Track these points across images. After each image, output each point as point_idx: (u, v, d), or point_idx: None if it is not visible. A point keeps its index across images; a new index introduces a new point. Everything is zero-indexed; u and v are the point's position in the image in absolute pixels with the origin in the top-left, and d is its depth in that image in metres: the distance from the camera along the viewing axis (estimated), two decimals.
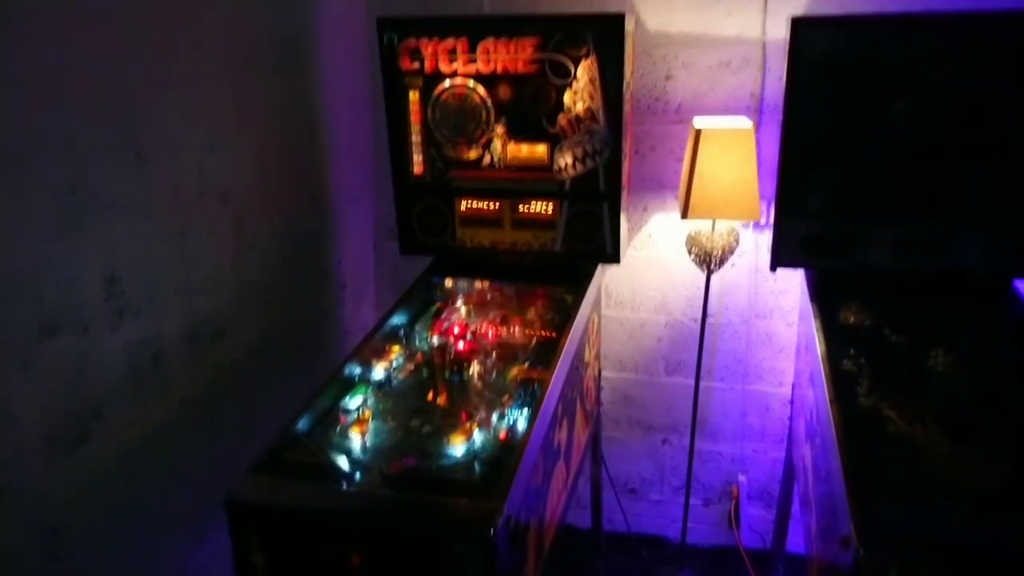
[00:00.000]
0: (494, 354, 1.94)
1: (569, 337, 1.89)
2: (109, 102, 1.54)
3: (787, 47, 1.90)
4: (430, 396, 1.80)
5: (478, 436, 1.60)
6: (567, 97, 2.08)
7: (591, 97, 2.06)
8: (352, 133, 2.59)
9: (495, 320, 2.13)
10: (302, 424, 1.63)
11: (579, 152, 2.12)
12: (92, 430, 1.53)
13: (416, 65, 2.14)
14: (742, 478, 2.67)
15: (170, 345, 1.78)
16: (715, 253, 2.22)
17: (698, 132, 2.00)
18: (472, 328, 2.07)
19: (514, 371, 1.86)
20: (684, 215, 2.03)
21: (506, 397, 1.75)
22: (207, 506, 1.78)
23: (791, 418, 2.39)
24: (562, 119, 2.10)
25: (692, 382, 2.63)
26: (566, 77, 2.06)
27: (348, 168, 2.58)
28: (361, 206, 2.72)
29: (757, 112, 2.38)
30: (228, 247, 1.97)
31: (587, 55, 2.03)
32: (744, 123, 2.09)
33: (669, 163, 2.49)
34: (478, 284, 2.29)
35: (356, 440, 1.61)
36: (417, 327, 2.12)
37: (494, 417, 1.66)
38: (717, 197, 2.00)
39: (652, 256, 2.59)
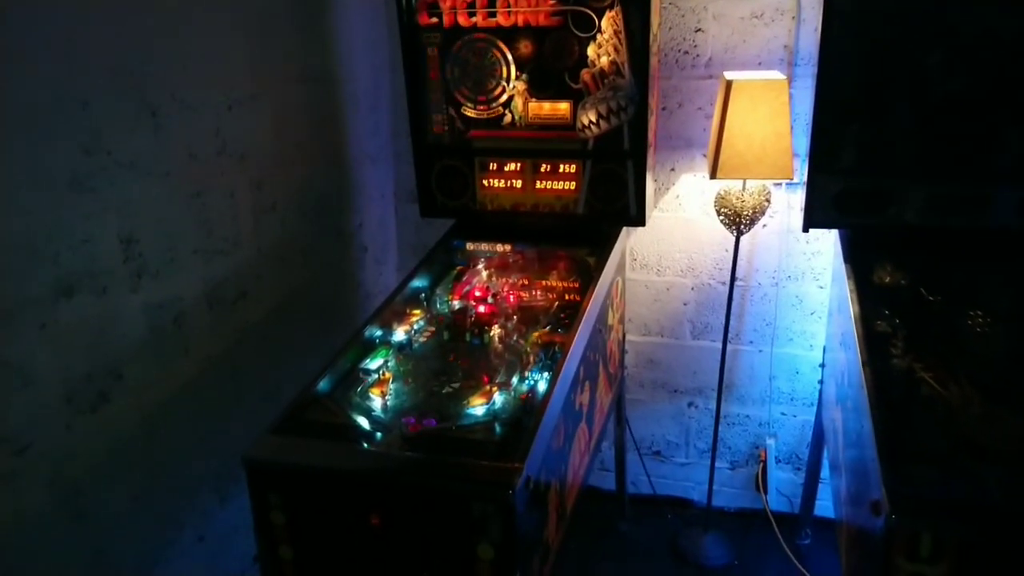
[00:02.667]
0: (515, 318, 1.91)
1: (591, 300, 1.85)
2: (123, 61, 1.52)
3: None
4: (451, 359, 1.78)
5: (499, 398, 1.58)
6: (591, 51, 2.01)
7: (616, 50, 1.99)
8: (371, 93, 2.55)
9: (516, 284, 2.10)
10: (322, 385, 1.62)
11: (603, 109, 2.05)
12: (112, 391, 1.54)
13: (434, 20, 2.09)
14: (770, 441, 2.63)
15: (191, 307, 1.77)
16: (745, 214, 2.15)
17: (728, 84, 1.92)
18: (493, 292, 2.04)
19: (535, 335, 1.83)
20: (713, 175, 1.97)
21: (527, 360, 1.72)
22: (230, 467, 1.79)
23: (822, 381, 2.33)
24: (585, 74, 2.04)
25: (719, 345, 2.58)
26: (590, 30, 1.99)
27: (367, 129, 2.55)
28: (381, 169, 2.69)
29: (791, 66, 2.29)
30: (247, 209, 1.96)
31: (612, 6, 1.96)
32: (777, 76, 2.00)
33: (698, 120, 2.41)
34: (499, 247, 2.25)
35: (376, 401, 1.60)
36: (438, 291, 2.10)
37: (515, 380, 1.64)
38: (748, 155, 1.93)
39: (679, 218, 2.53)
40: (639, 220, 2.14)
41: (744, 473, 2.75)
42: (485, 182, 2.23)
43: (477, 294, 2.05)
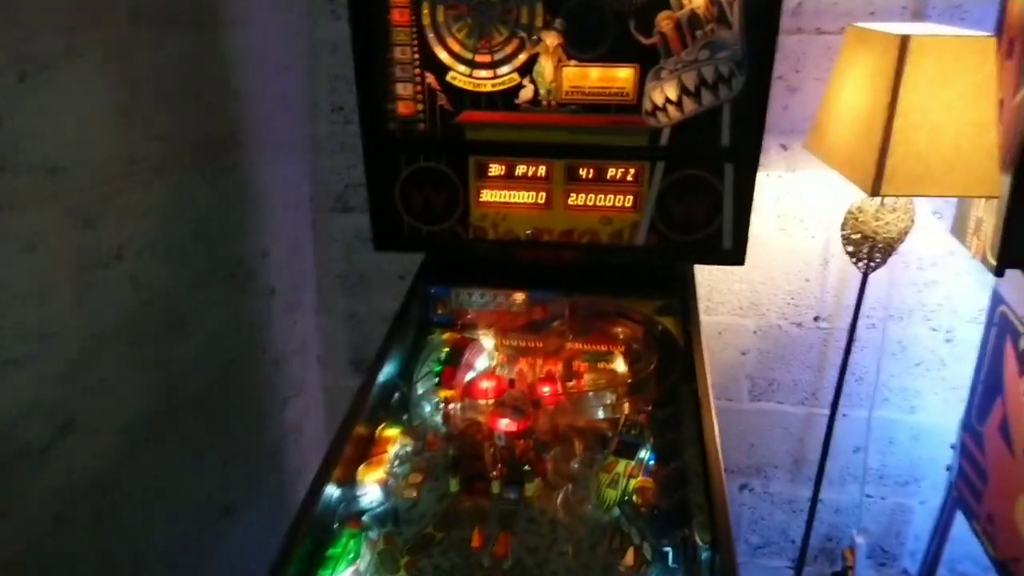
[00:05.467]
0: (574, 440, 1.17)
1: (710, 414, 1.13)
2: None
3: None
4: (475, 542, 1.02)
5: None
6: None
7: None
8: (276, 46, 1.68)
9: (551, 364, 1.34)
10: None
11: (690, 79, 1.31)
12: None
13: None
14: (859, 540, 2.03)
15: None
16: (883, 239, 1.48)
17: (903, 43, 1.22)
18: (512, 381, 1.29)
19: (614, 468, 1.10)
20: (876, 190, 1.28)
21: (627, 539, 1.00)
22: None
23: (959, 469, 1.74)
24: (664, 21, 1.29)
25: (788, 408, 2.03)
26: None
27: (272, 104, 1.68)
28: (292, 163, 1.84)
29: (917, 17, 1.64)
30: (66, 268, 1.09)
31: None
32: (972, 32, 1.32)
33: (776, 94, 1.71)
34: (509, 298, 1.48)
35: None
36: (419, 384, 1.31)
37: None
38: (934, 158, 1.25)
39: None
40: (735, 256, 1.43)
41: (811, 574, 2.15)
42: (485, 195, 1.45)
43: (488, 387, 1.29)
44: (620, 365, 1.31)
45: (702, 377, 1.17)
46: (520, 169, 1.42)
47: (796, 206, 1.82)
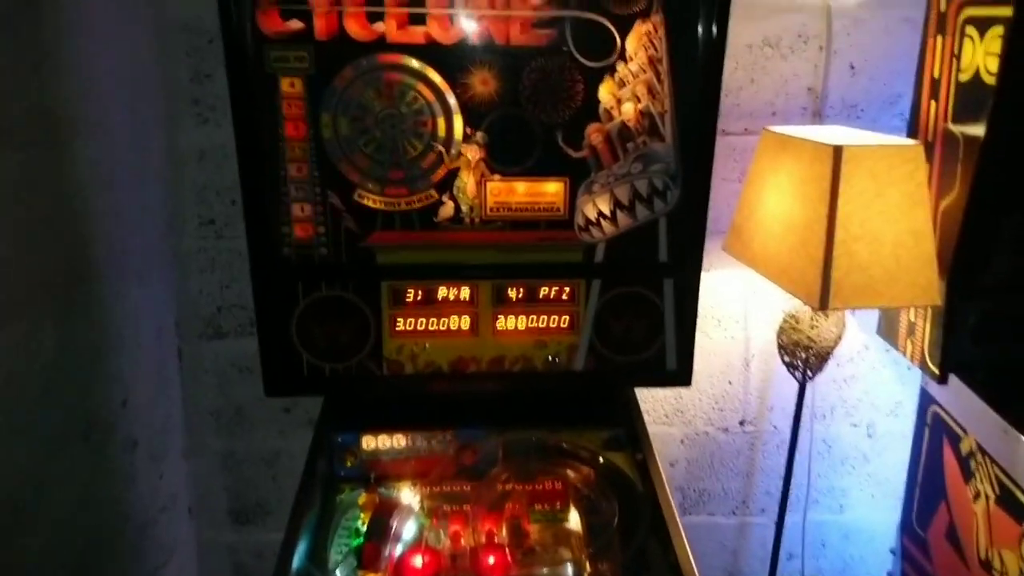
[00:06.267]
0: None
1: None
2: None
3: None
4: None
5: None
6: (605, 92, 1.20)
7: (651, 92, 1.20)
8: (134, 154, 1.47)
9: (491, 523, 1.17)
10: None
11: (624, 193, 1.24)
12: None
13: (296, 25, 1.13)
14: None
15: None
16: (818, 347, 1.45)
17: (837, 153, 1.21)
18: (454, 557, 1.11)
19: None
20: (823, 304, 1.23)
21: None
22: None
23: (901, 574, 1.71)
24: (594, 135, 1.21)
25: (719, 519, 1.97)
26: (605, 55, 1.18)
27: (130, 222, 1.46)
28: (154, 287, 1.59)
29: (817, 117, 1.68)
30: None
31: (646, 13, 1.16)
32: (900, 140, 1.33)
33: None
34: (432, 441, 1.31)
35: None
36: (337, 570, 1.10)
37: None
38: (876, 270, 1.23)
39: None
40: (681, 377, 1.35)
41: None
42: (400, 323, 1.29)
43: (417, 562, 1.11)
44: (574, 519, 1.17)
45: (677, 537, 1.05)
46: (441, 293, 1.28)
47: (713, 307, 1.78)
